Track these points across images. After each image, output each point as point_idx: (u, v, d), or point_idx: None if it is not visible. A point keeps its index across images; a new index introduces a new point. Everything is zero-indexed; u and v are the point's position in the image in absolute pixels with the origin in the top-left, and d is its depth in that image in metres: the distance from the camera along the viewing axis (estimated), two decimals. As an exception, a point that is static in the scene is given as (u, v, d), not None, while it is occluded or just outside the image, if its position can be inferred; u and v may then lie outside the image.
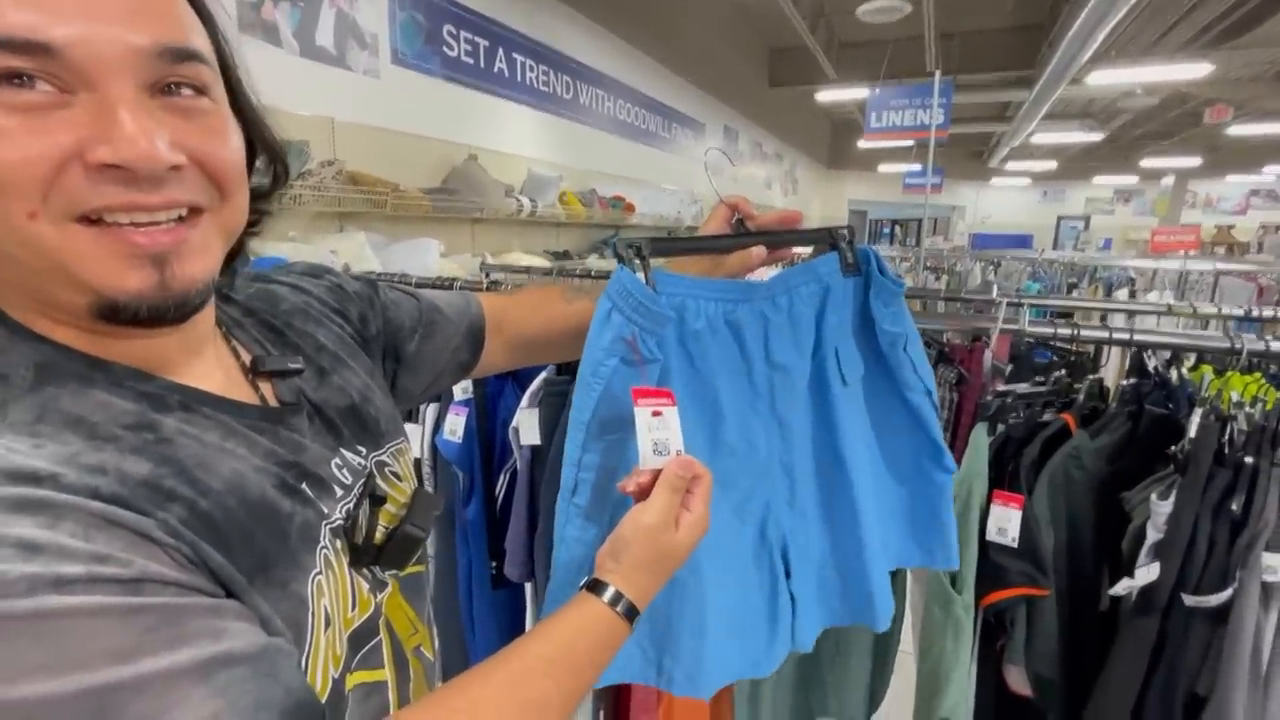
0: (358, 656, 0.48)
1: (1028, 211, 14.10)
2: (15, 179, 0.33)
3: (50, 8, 0.33)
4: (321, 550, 0.45)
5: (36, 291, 0.38)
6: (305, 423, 0.50)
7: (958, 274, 4.73)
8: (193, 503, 0.37)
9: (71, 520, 0.31)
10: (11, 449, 0.33)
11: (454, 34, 3.93)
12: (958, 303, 1.94)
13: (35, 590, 0.28)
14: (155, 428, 0.39)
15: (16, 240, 0.35)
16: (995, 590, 0.82)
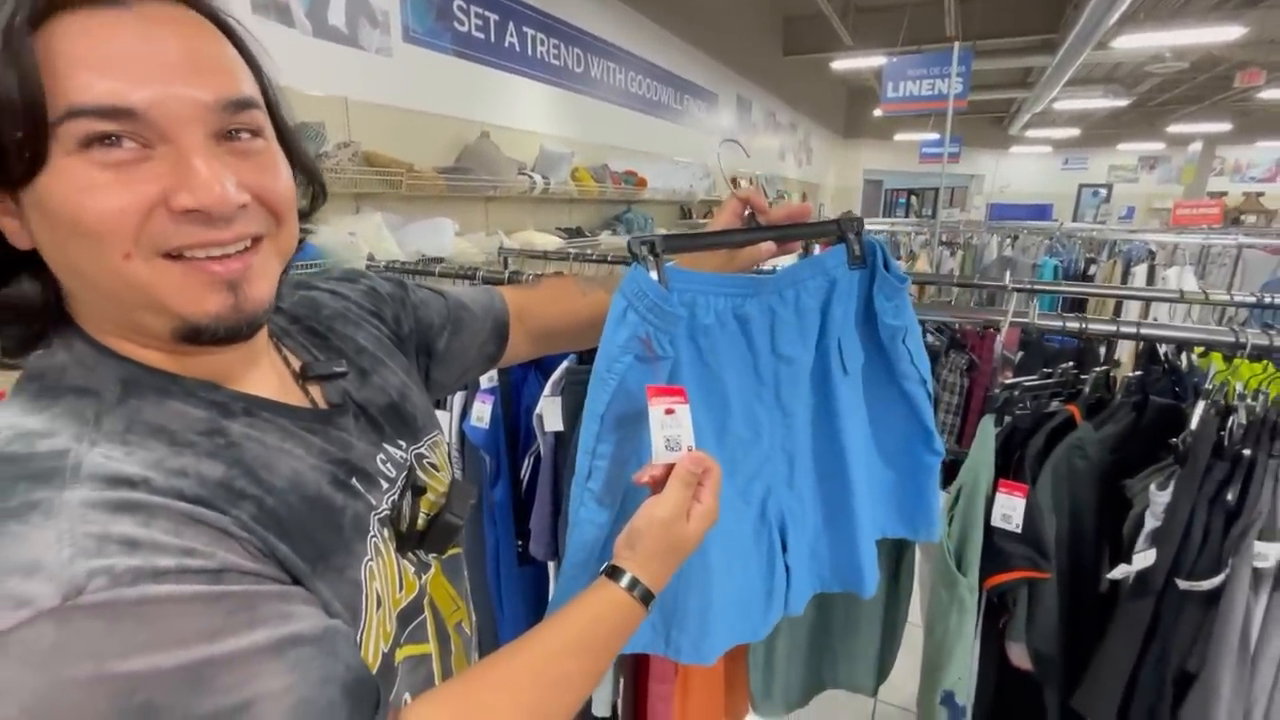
0: (405, 632, 0.53)
1: (1048, 180, 13.78)
2: (112, 227, 0.38)
3: (130, 74, 0.38)
4: (371, 539, 0.50)
5: (125, 320, 0.43)
6: (351, 422, 0.55)
7: (974, 248, 4.68)
8: (260, 500, 0.42)
9: (163, 519, 0.36)
10: (109, 456, 0.38)
11: (464, 9, 3.89)
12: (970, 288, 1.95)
13: (139, 580, 0.33)
14: (224, 432, 0.44)
15: (114, 279, 0.40)
16: (998, 573, 0.87)
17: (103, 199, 0.38)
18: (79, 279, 0.42)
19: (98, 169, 0.38)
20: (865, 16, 7.78)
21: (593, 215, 5.10)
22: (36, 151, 0.37)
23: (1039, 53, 7.33)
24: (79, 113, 0.37)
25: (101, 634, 0.31)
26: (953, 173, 11.25)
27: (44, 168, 0.38)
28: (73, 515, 0.34)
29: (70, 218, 0.38)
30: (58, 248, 0.40)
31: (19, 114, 0.36)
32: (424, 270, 1.54)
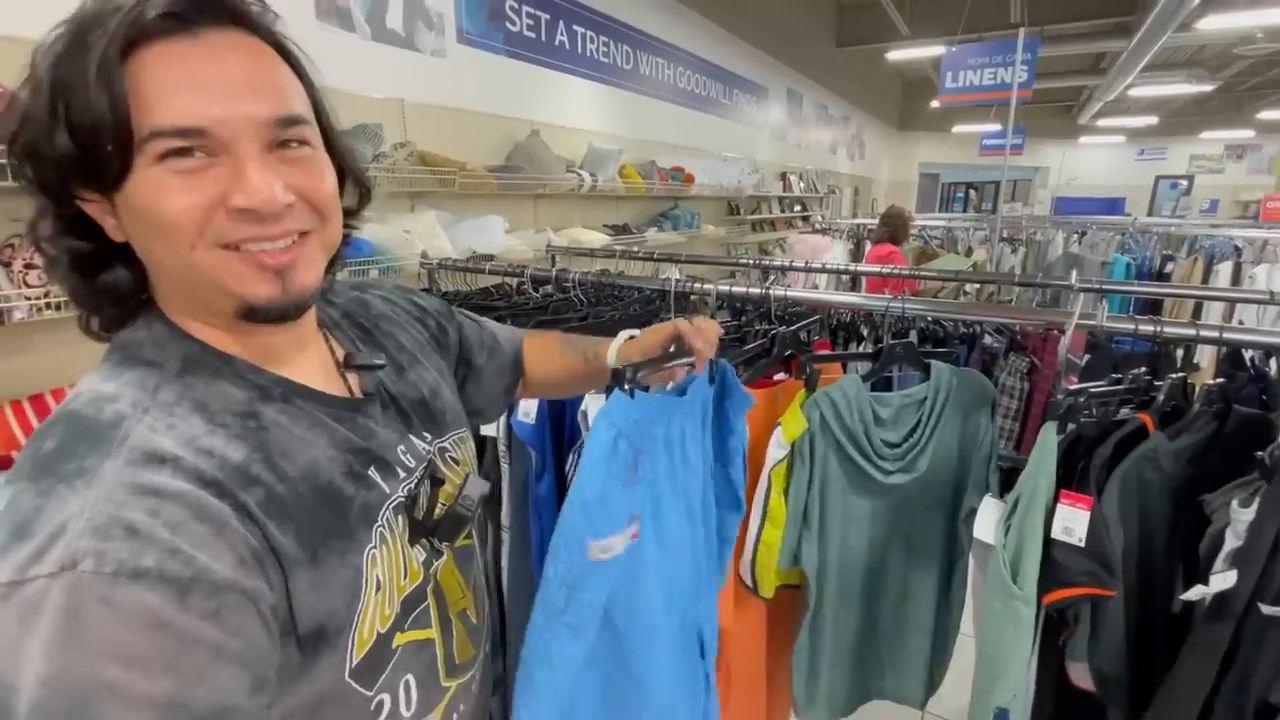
0: (409, 619, 0.57)
1: (1121, 171, 12.98)
2: (181, 223, 0.46)
3: (199, 98, 0.45)
4: (378, 528, 0.54)
5: (196, 300, 0.51)
6: (379, 411, 0.60)
7: (1037, 244, 4.46)
8: (270, 488, 0.47)
9: (171, 509, 0.41)
10: (154, 428, 0.44)
11: (516, 9, 3.95)
12: (1032, 287, 1.86)
13: (118, 574, 0.38)
14: (258, 416, 0.50)
15: (183, 264, 0.47)
16: (1059, 588, 0.82)
17: (174, 200, 0.45)
18: (158, 266, 0.49)
19: (171, 175, 0.45)
20: (924, 5, 7.49)
21: (640, 212, 5.10)
22: (125, 163, 0.44)
23: (1112, 37, 6.91)
24: (159, 134, 0.44)
25: (59, 609, 0.36)
26: (1015, 165, 10.72)
27: (130, 175, 0.45)
28: (102, 489, 0.40)
29: (150, 215, 0.45)
30: (142, 240, 0.48)
31: (111, 134, 0.43)
32: (475, 268, 1.57)
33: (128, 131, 0.43)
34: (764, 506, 1.05)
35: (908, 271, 2.03)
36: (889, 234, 3.58)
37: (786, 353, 1.14)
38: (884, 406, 1.08)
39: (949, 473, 1.14)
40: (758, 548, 1.06)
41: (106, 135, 0.43)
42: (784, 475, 1.06)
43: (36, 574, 0.37)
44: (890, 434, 1.10)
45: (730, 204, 6.32)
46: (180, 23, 0.45)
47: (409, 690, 0.57)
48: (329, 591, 0.49)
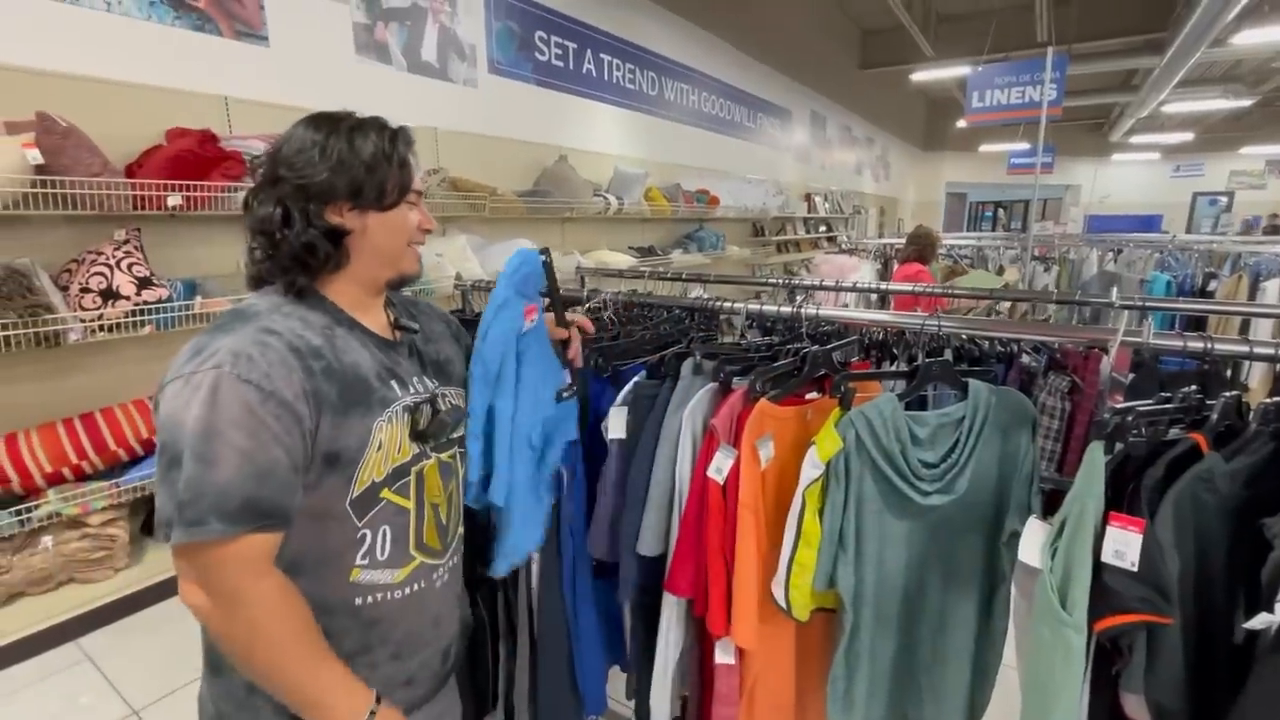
0: (395, 484, 0.84)
1: (1156, 189, 12.70)
2: (409, 228, 0.89)
3: (417, 175, 0.89)
4: (388, 412, 0.83)
5: (373, 272, 0.88)
6: (406, 354, 0.93)
7: (1071, 263, 4.37)
8: (329, 363, 0.79)
9: (272, 352, 0.74)
10: (272, 319, 0.78)
11: (545, 39, 4.06)
12: (1071, 305, 1.82)
13: (235, 373, 0.71)
14: (332, 329, 0.83)
15: (397, 249, 0.88)
16: (1112, 615, 0.79)
17: (410, 220, 0.89)
18: (377, 250, 0.86)
19: (408, 207, 0.88)
20: (948, 26, 7.51)
21: (665, 234, 5.15)
22: (398, 200, 0.86)
23: (1144, 54, 6.83)
24: (416, 190, 0.89)
25: (212, 385, 0.70)
26: (1045, 184, 10.57)
27: (398, 206, 0.86)
28: (240, 336, 0.74)
29: (398, 224, 0.87)
30: (378, 233, 0.85)
31: (405, 186, 0.86)
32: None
33: (409, 188, 0.87)
34: (798, 526, 1.04)
35: (939, 290, 2.00)
36: (916, 253, 3.54)
37: (819, 373, 1.13)
38: (921, 426, 1.06)
39: (989, 494, 1.11)
40: (791, 568, 1.04)
41: (404, 188, 0.86)
42: (819, 495, 1.04)
43: (201, 368, 0.71)
44: (928, 454, 1.07)
45: (755, 225, 6.34)
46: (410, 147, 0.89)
47: (385, 539, 0.84)
48: (347, 431, 0.79)
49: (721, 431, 1.04)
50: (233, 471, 0.70)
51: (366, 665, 0.84)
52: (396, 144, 0.85)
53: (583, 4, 4.31)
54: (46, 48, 2.12)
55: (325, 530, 0.80)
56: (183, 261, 2.34)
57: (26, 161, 1.84)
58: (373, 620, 0.85)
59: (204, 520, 0.69)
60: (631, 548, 1.16)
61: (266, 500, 0.72)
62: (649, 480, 1.15)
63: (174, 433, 0.70)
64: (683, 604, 1.15)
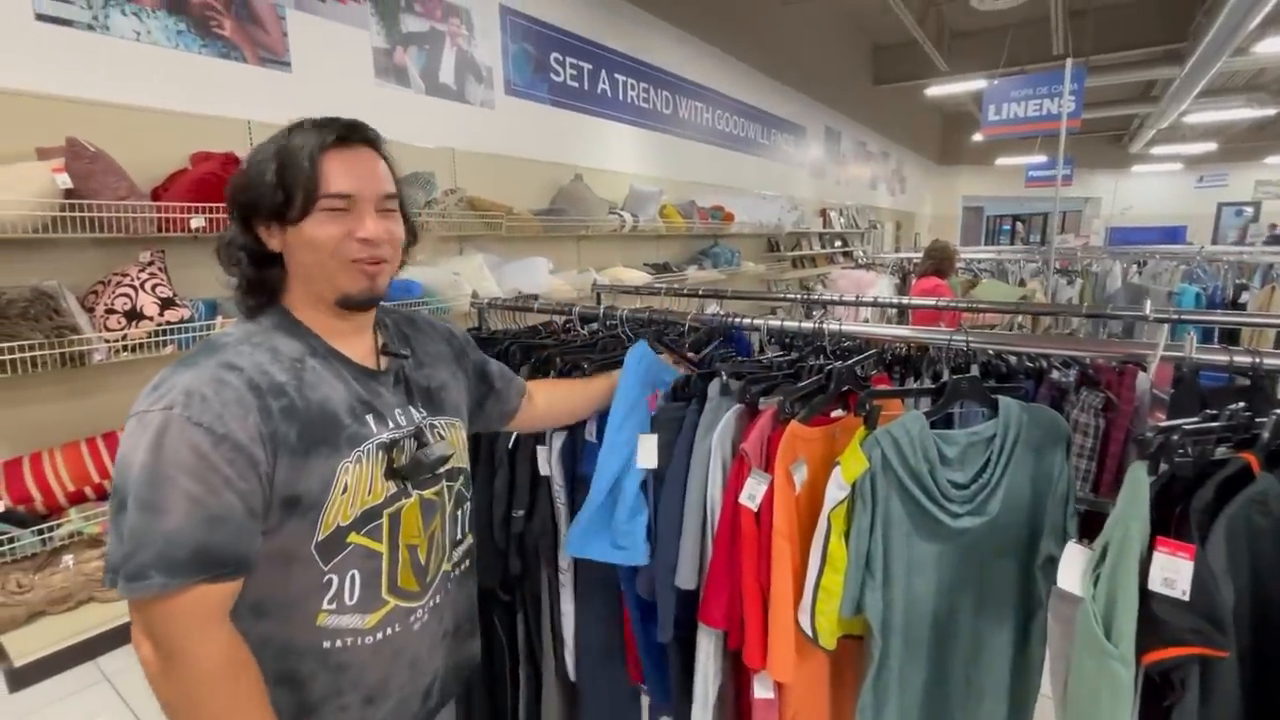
0: (365, 528, 0.79)
1: (1179, 200, 12.50)
2: (327, 242, 0.78)
3: (348, 179, 0.78)
4: (357, 452, 0.78)
5: (314, 293, 0.81)
6: (390, 384, 0.87)
7: (1094, 276, 4.29)
8: (293, 400, 0.75)
9: (228, 392, 0.70)
10: (239, 352, 0.74)
11: (560, 60, 4.12)
12: (1101, 319, 1.77)
13: (186, 416, 0.67)
14: (304, 360, 0.79)
15: (321, 267, 0.79)
16: (1162, 647, 0.74)
17: (328, 230, 0.78)
18: (301, 267, 0.80)
19: (328, 217, 0.78)
20: (961, 41, 7.51)
21: (680, 250, 5.15)
22: (308, 209, 0.77)
23: (1163, 65, 6.76)
24: (330, 195, 0.77)
25: (159, 427, 0.67)
26: (1065, 196, 10.44)
27: (308, 216, 0.77)
28: (198, 372, 0.71)
29: (313, 237, 0.78)
30: (299, 251, 0.78)
31: (308, 194, 0.76)
32: (523, 306, 1.59)
33: (315, 193, 0.77)
34: (823, 550, 1.00)
35: (963, 304, 1.95)
36: (934, 267, 3.50)
37: (844, 388, 1.10)
38: (949, 445, 1.03)
39: (1022, 516, 1.07)
40: (817, 593, 1.00)
41: (307, 194, 0.76)
42: (844, 518, 1.01)
43: (153, 408, 0.68)
44: (957, 474, 1.04)
45: (770, 241, 6.32)
46: (343, 142, 0.79)
47: (354, 583, 0.79)
48: (308, 474, 0.74)
49: (753, 456, 1.01)
50: (181, 519, 0.65)
51: (337, 709, 0.80)
52: (295, 140, 0.76)
53: (597, 25, 4.37)
54: (78, 76, 2.18)
55: (289, 574, 0.75)
56: (204, 282, 2.38)
57: (56, 186, 1.88)
58: (342, 665, 0.80)
59: (144, 574, 0.64)
60: (669, 582, 1.11)
61: (219, 548, 0.67)
62: (682, 509, 1.10)
63: (123, 475, 0.67)
64: (719, 636, 1.11)
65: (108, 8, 2.23)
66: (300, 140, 0.77)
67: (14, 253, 1.99)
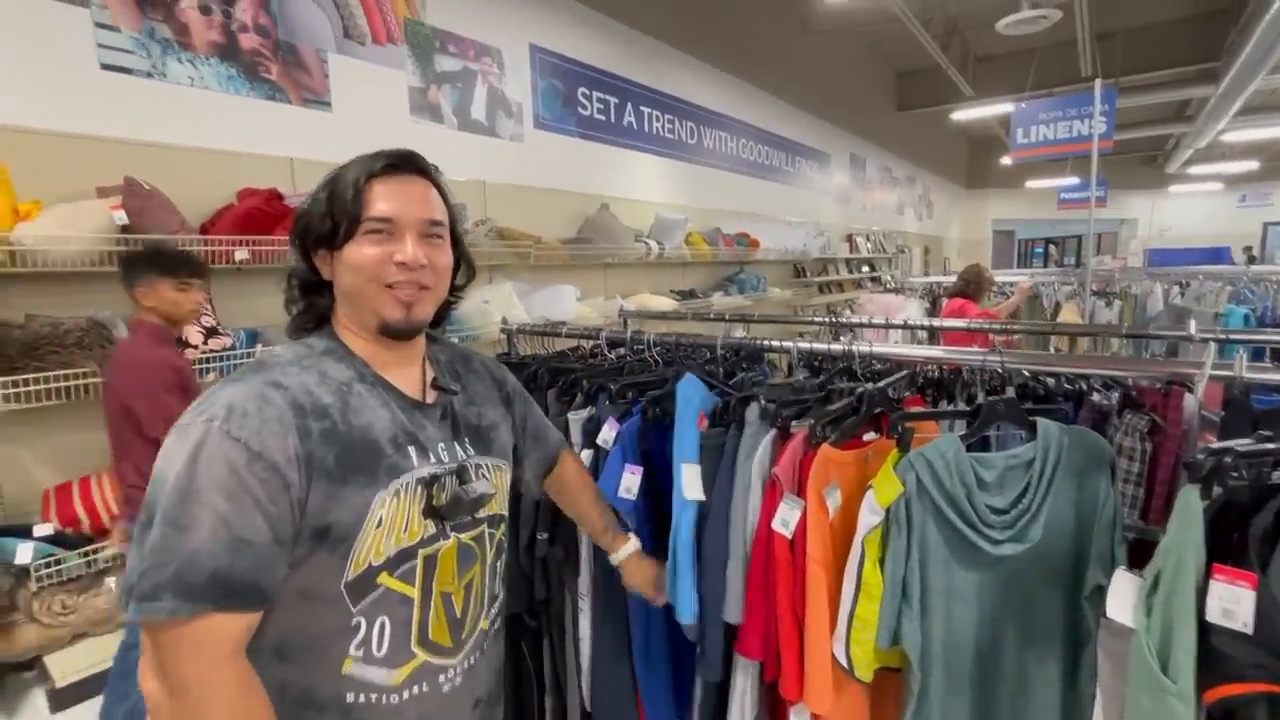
0: (398, 570, 0.74)
1: (1221, 219, 12.14)
2: (366, 265, 0.77)
3: (394, 202, 0.78)
4: (395, 485, 0.74)
5: (357, 318, 0.80)
6: (437, 417, 0.84)
7: (1133, 298, 4.17)
8: (335, 422, 0.73)
9: (270, 410, 0.69)
10: (287, 372, 0.73)
11: (587, 95, 4.24)
12: (1143, 340, 1.72)
13: (226, 430, 0.66)
14: (351, 385, 0.77)
15: (360, 291, 0.78)
16: (1225, 684, 0.70)
17: (369, 255, 0.77)
18: (344, 292, 0.80)
19: (368, 241, 0.77)
20: (986, 65, 7.51)
21: (705, 277, 5.17)
22: (351, 233, 0.77)
23: (1197, 84, 6.64)
24: (370, 219, 0.77)
25: (198, 439, 0.65)
26: (1099, 218, 10.23)
27: (351, 241, 0.77)
28: (244, 388, 0.70)
29: (352, 261, 0.77)
30: (341, 276, 0.79)
31: (351, 219, 0.77)
32: (552, 332, 1.61)
33: (358, 218, 0.77)
34: (857, 577, 0.98)
35: (998, 326, 1.91)
36: (961, 289, 3.45)
37: (876, 410, 1.08)
38: (987, 469, 1.00)
39: (1067, 543, 1.03)
40: (852, 623, 0.97)
41: (348, 219, 0.76)
42: (879, 544, 0.98)
43: (195, 420, 0.67)
44: (996, 499, 1.01)
45: (796, 267, 6.31)
46: (393, 170, 0.79)
47: (383, 631, 0.74)
48: (342, 503, 0.70)
49: (785, 481, 1.00)
50: (205, 537, 0.62)
51: None
52: (348, 170, 0.78)
53: (622, 61, 4.49)
54: (137, 120, 2.32)
55: (315, 613, 0.70)
56: (245, 312, 2.46)
57: (113, 222, 1.99)
58: None
59: (157, 595, 0.60)
60: (717, 618, 1.08)
61: (238, 575, 0.63)
62: (727, 539, 1.08)
63: (156, 489, 0.64)
64: (755, 668, 1.08)
65: (165, 56, 2.38)
66: (352, 169, 0.78)
67: (74, 285, 2.09)
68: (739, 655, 1.09)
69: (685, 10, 4.90)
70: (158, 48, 2.35)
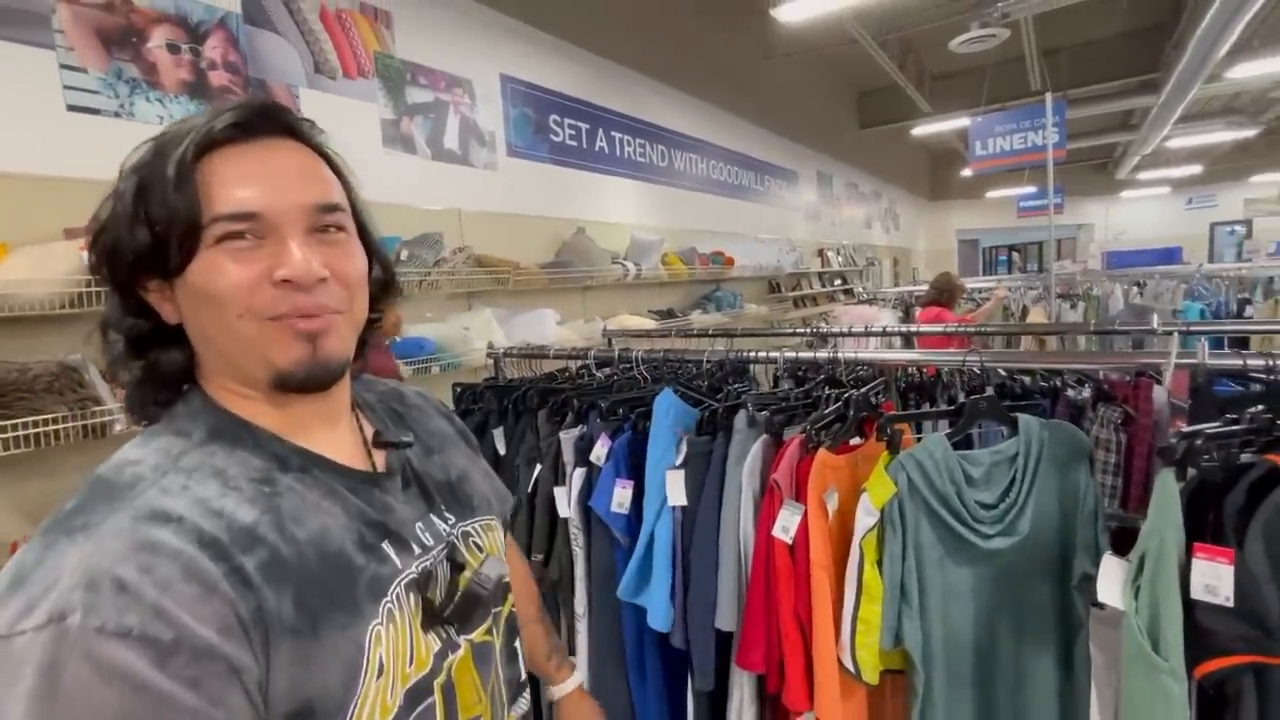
0: (413, 714, 0.52)
1: (1171, 222, 12.66)
2: (230, 296, 0.49)
3: (252, 188, 0.50)
4: (386, 605, 0.51)
5: (236, 372, 0.53)
6: (399, 487, 0.59)
7: (1095, 299, 4.32)
8: (275, 548, 0.47)
9: (164, 567, 0.41)
10: (167, 490, 0.46)
11: (559, 122, 4.30)
12: (1109, 336, 1.79)
13: (103, 631, 0.38)
14: (273, 482, 0.51)
15: (229, 335, 0.50)
16: (1211, 658, 0.73)
17: (225, 276, 0.49)
18: (207, 341, 0.52)
19: (226, 256, 0.49)
20: (941, 82, 7.80)
21: (683, 296, 5.22)
22: (191, 248, 0.49)
23: (1139, 94, 6.98)
24: (219, 218, 0.49)
25: (45, 661, 0.37)
26: (1058, 224, 10.62)
27: (194, 260, 0.49)
28: (101, 541, 0.41)
29: (206, 291, 0.49)
30: (196, 317, 0.51)
31: (184, 223, 0.48)
32: (539, 354, 1.62)
33: (196, 220, 0.48)
34: (858, 580, 0.99)
35: (971, 329, 1.98)
36: (935, 298, 3.55)
37: (863, 415, 1.11)
38: (974, 465, 1.03)
39: (1053, 534, 1.06)
40: (855, 626, 0.99)
41: (179, 224, 0.48)
42: (875, 545, 1.00)
43: (24, 628, 0.38)
44: (984, 495, 1.04)
45: (770, 283, 6.42)
46: (242, 132, 0.51)
47: None
48: (323, 665, 0.46)
49: (784, 486, 1.01)
50: None
51: None
52: (166, 143, 0.50)
53: (592, 87, 4.57)
54: (105, 160, 2.30)
55: None
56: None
57: (82, 263, 1.96)
58: None
59: None
60: (707, 625, 1.07)
61: None
62: (717, 545, 1.09)
63: None
64: (755, 680, 1.08)
65: (134, 95, 2.36)
66: (171, 141, 0.50)
67: (44, 328, 2.05)
68: (738, 669, 1.09)
69: (652, 38, 5.03)
70: (125, 87, 2.34)
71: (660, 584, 1.10)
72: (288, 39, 2.84)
